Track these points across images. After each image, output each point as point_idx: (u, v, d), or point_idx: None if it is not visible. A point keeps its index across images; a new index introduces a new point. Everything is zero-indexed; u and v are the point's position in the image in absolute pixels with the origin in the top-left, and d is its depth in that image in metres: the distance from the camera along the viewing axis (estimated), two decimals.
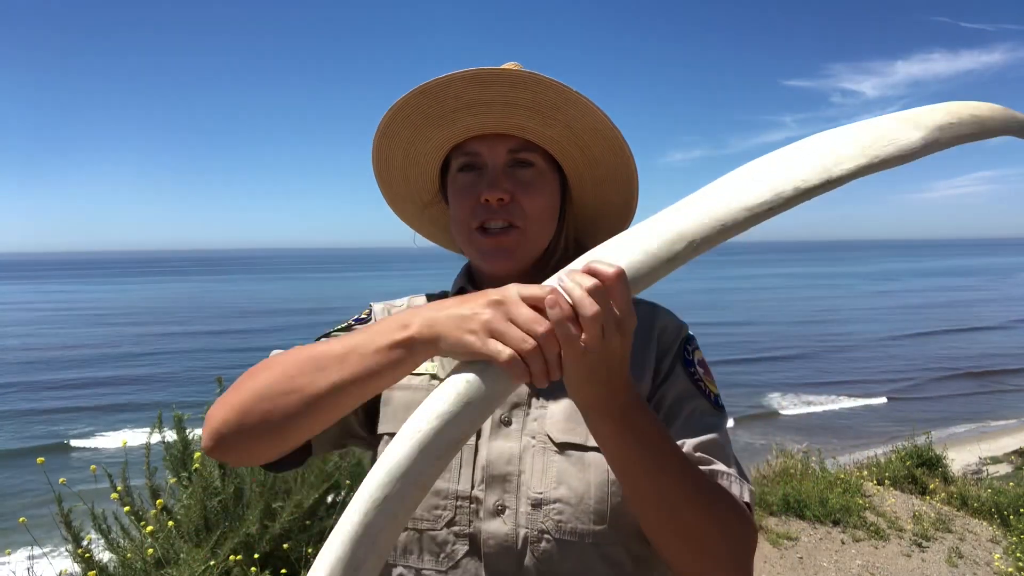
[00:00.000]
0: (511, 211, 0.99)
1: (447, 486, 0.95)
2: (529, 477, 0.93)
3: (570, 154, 1.03)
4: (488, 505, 0.93)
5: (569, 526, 0.90)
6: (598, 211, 1.11)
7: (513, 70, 0.95)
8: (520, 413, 0.97)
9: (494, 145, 1.01)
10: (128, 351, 27.51)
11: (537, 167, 1.02)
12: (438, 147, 1.06)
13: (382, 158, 1.09)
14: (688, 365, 1.00)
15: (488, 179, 1.00)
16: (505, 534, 0.91)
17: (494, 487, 0.93)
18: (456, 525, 0.93)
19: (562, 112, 0.97)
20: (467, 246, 1.04)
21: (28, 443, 15.19)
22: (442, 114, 1.00)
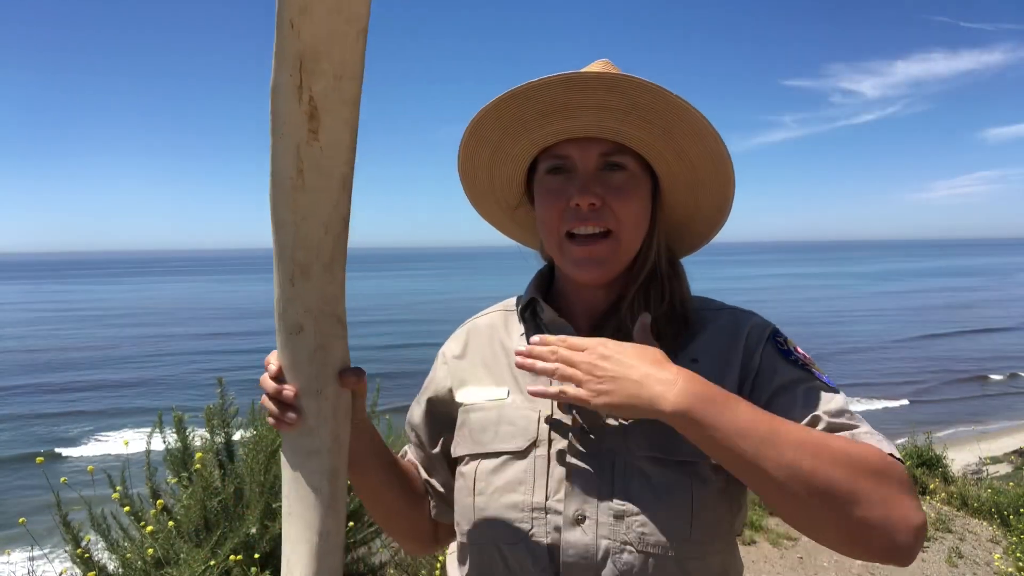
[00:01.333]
0: (602, 216, 0.96)
1: (523, 499, 0.94)
2: (611, 488, 0.92)
3: (664, 158, 0.99)
4: (568, 515, 0.92)
5: (652, 539, 0.89)
6: (689, 216, 1.07)
7: (607, 73, 0.92)
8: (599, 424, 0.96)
9: (586, 148, 0.98)
10: (128, 352, 27.51)
11: (629, 171, 0.99)
12: (527, 150, 1.03)
13: (469, 157, 1.07)
14: (787, 355, 0.97)
15: (579, 183, 0.97)
16: (586, 544, 0.90)
17: (574, 497, 0.92)
18: (534, 537, 0.92)
19: (661, 116, 0.94)
20: (557, 253, 1.02)
21: (28, 443, 15.19)
22: (534, 117, 0.97)
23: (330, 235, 0.82)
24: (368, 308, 40.73)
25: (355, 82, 0.76)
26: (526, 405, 1.01)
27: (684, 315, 1.02)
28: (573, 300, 1.07)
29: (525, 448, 0.97)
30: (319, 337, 0.87)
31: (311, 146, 0.77)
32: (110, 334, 33.24)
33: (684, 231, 1.10)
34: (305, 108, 0.75)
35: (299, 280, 0.84)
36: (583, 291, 1.05)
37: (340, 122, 0.77)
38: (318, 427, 0.89)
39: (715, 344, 1.00)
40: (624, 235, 0.98)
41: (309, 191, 0.79)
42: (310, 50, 0.72)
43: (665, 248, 1.05)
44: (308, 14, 0.71)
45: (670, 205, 1.05)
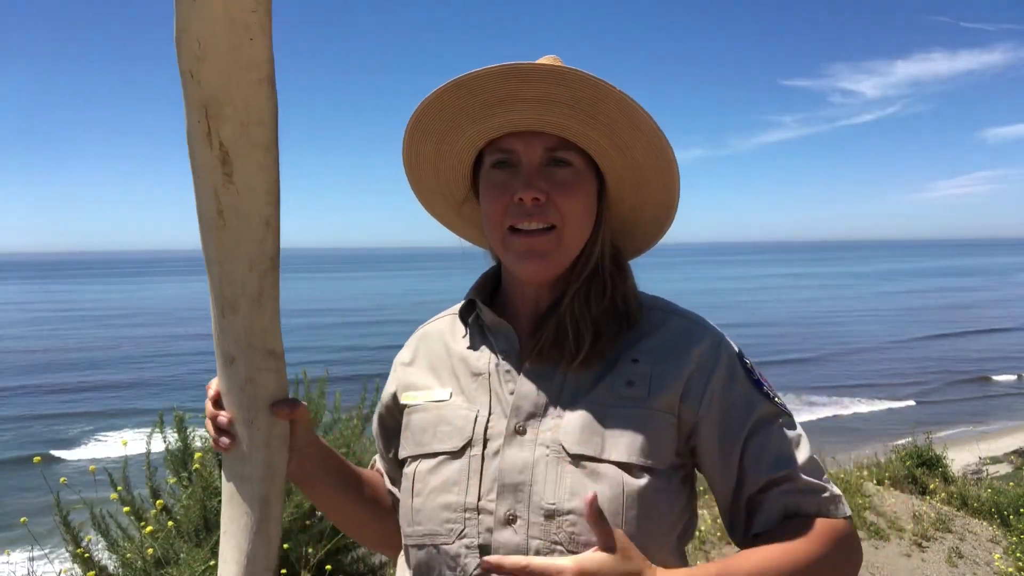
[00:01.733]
0: (546, 212, 0.95)
1: (457, 499, 0.94)
2: (542, 487, 0.91)
3: (610, 155, 0.98)
4: (499, 515, 0.91)
5: (583, 539, 0.87)
6: (636, 215, 1.06)
7: (554, 65, 0.91)
8: (535, 423, 0.95)
9: (531, 142, 0.97)
10: (128, 352, 27.51)
11: (575, 167, 0.97)
12: (472, 142, 1.01)
13: (412, 152, 1.05)
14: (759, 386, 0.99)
15: (523, 178, 0.96)
16: (516, 544, 0.90)
17: (505, 496, 0.92)
18: (466, 537, 0.92)
19: (604, 112, 0.93)
20: (499, 247, 1.01)
21: (28, 444, 15.18)
22: (477, 109, 0.96)
23: (255, 272, 0.85)
24: (368, 308, 40.75)
25: (264, 127, 0.77)
26: (465, 406, 1.00)
27: (627, 313, 1.01)
28: (517, 300, 1.06)
29: (460, 448, 0.97)
30: (249, 369, 0.91)
31: (227, 189, 0.79)
32: (110, 334, 33.24)
33: (631, 232, 1.08)
34: (217, 153, 0.77)
35: (228, 313, 0.87)
36: (526, 290, 1.04)
37: (253, 166, 0.79)
38: (250, 455, 0.93)
39: (661, 349, 0.98)
40: (567, 231, 0.97)
41: (230, 231, 0.82)
42: (212, 98, 0.74)
43: (610, 247, 1.04)
44: (205, 63, 0.72)
45: (616, 204, 1.04)
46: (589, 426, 0.92)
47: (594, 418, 0.93)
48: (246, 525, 0.94)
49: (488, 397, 0.99)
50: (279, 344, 0.92)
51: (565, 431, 0.93)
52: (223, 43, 0.71)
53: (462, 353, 1.06)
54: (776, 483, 0.94)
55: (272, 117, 0.77)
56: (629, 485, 0.90)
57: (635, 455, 0.91)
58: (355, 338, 28.77)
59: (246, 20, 0.70)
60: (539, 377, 0.98)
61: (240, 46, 0.71)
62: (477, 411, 0.99)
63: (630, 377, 0.96)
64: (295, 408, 0.96)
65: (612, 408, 0.94)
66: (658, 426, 0.94)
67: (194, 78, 0.73)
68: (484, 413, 0.98)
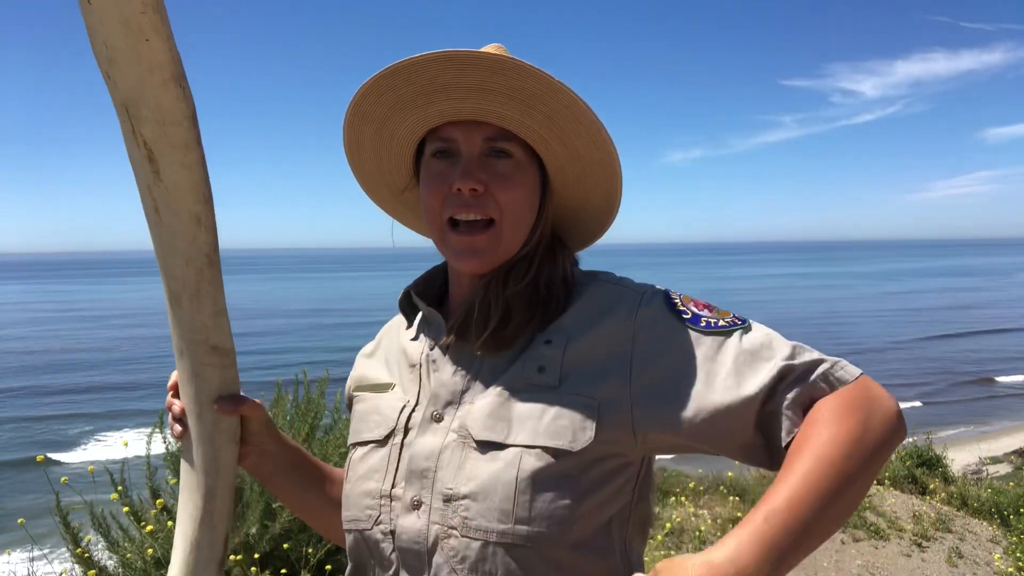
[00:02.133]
0: (484, 203, 0.94)
1: (376, 486, 0.95)
2: (444, 472, 0.91)
3: (551, 147, 0.96)
4: (406, 500, 0.92)
5: (475, 523, 0.87)
6: (579, 207, 1.05)
7: (492, 54, 0.89)
8: (452, 409, 0.95)
9: (470, 132, 0.95)
10: (128, 353, 27.51)
11: (515, 158, 0.96)
12: (412, 130, 1.00)
13: (353, 139, 1.04)
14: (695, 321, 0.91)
15: (462, 168, 0.95)
16: (418, 529, 0.90)
17: (412, 482, 0.92)
18: (381, 523, 0.94)
19: (543, 102, 0.91)
20: (438, 240, 1.00)
21: (27, 445, 15.18)
22: (415, 96, 0.94)
23: (192, 268, 0.87)
24: (370, 309, 40.73)
25: (180, 127, 0.78)
26: (398, 397, 1.01)
27: (550, 298, 0.97)
28: (455, 292, 1.06)
29: (384, 437, 0.98)
30: (194, 364, 0.94)
31: (158, 186, 0.82)
32: (110, 335, 33.23)
33: (574, 224, 1.07)
34: (144, 152, 0.79)
35: (174, 307, 0.90)
36: (463, 281, 1.03)
37: (177, 165, 0.80)
38: (197, 446, 0.98)
39: (577, 325, 0.94)
40: (506, 224, 0.95)
41: (166, 227, 0.84)
42: (129, 99, 0.76)
43: (548, 236, 1.02)
44: (116, 65, 0.74)
45: (559, 197, 1.03)
46: (497, 412, 0.91)
47: (503, 403, 0.91)
48: (192, 514, 0.98)
49: (418, 387, 1.00)
50: (224, 340, 0.95)
51: (474, 417, 0.92)
52: (123, 45, 0.72)
53: (403, 344, 1.07)
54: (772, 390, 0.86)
55: (187, 116, 0.78)
56: (525, 466, 0.86)
57: (540, 438, 0.88)
58: (356, 339, 28.75)
59: (138, 22, 0.70)
60: (458, 364, 0.97)
61: (138, 48, 0.72)
62: (407, 401, 1.00)
63: (542, 362, 0.92)
64: (238, 405, 0.99)
65: (522, 393, 0.91)
66: (571, 409, 0.89)
67: (111, 79, 0.75)
68: (412, 402, 0.99)
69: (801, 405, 0.86)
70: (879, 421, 0.83)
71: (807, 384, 0.86)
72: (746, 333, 0.90)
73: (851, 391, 0.85)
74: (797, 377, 0.87)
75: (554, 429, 0.88)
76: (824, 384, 0.86)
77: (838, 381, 0.86)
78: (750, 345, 0.89)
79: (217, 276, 0.90)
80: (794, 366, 0.87)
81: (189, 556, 0.97)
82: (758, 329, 0.92)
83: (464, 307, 0.98)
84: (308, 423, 3.73)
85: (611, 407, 0.89)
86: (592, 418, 0.88)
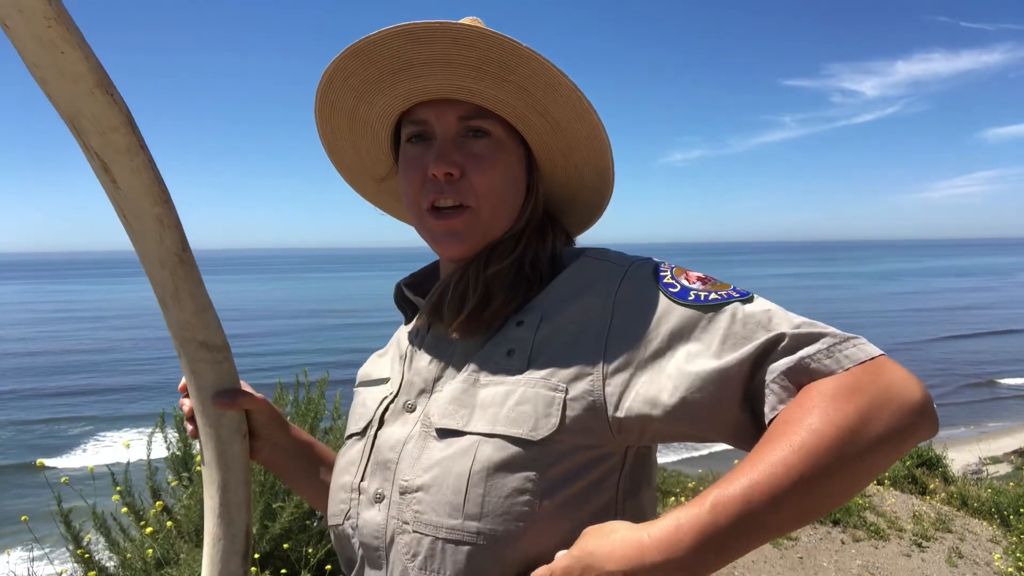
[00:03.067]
0: (460, 189, 0.88)
1: (349, 479, 0.93)
2: (404, 464, 0.85)
3: (529, 120, 0.89)
4: (369, 493, 0.88)
5: (425, 517, 0.80)
6: (572, 185, 0.98)
7: (453, 23, 0.82)
8: (424, 398, 0.90)
9: (442, 112, 0.89)
10: (128, 353, 27.49)
11: (494, 137, 0.89)
12: (383, 114, 0.94)
13: (328, 131, 0.99)
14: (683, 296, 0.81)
15: (435, 151, 0.88)
16: (377, 524, 0.86)
17: (376, 475, 0.89)
18: (351, 518, 0.90)
19: (513, 72, 0.84)
20: (419, 228, 0.94)
21: (27, 446, 15.16)
22: (380, 77, 0.88)
23: (166, 269, 0.88)
24: (372, 310, 40.76)
25: (119, 133, 0.79)
26: (383, 390, 0.99)
27: (530, 278, 0.90)
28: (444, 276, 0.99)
29: (362, 430, 0.96)
30: (190, 362, 0.96)
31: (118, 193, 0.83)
32: (110, 335, 33.21)
33: (575, 201, 1.01)
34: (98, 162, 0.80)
35: (163, 310, 0.92)
36: (447, 265, 0.99)
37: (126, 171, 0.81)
38: (205, 442, 0.99)
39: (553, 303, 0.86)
40: (484, 208, 0.89)
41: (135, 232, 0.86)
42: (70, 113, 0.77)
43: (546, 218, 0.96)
44: (47, 83, 0.75)
45: (550, 177, 0.96)
46: (460, 398, 0.84)
47: (467, 389, 0.84)
48: (211, 508, 1.00)
49: (400, 377, 0.96)
50: (213, 336, 0.95)
51: (436, 405, 0.86)
52: (45, 62, 0.73)
53: (399, 337, 1.06)
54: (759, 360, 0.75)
55: (122, 123, 0.79)
56: (481, 456, 0.78)
57: (499, 425, 0.79)
58: (357, 340, 28.73)
59: (48, 36, 0.71)
60: (434, 352, 0.92)
61: (58, 62, 0.73)
62: (389, 393, 0.96)
63: (511, 344, 0.85)
64: (235, 399, 0.97)
65: (488, 378, 0.84)
66: (535, 396, 0.80)
67: (50, 97, 0.76)
68: (392, 392, 0.96)
69: (795, 380, 0.74)
70: (889, 413, 0.68)
71: (805, 357, 0.73)
72: (744, 305, 0.79)
73: (860, 372, 0.71)
74: (792, 347, 0.75)
75: (515, 416, 0.79)
76: (828, 360, 0.73)
77: (847, 359, 0.73)
78: (744, 316, 0.78)
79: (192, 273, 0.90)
80: (790, 335, 0.75)
81: (212, 550, 0.99)
82: (759, 303, 0.80)
83: (438, 287, 0.93)
84: (308, 423, 3.73)
85: (581, 391, 0.80)
86: (557, 404, 0.79)
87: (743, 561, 4.95)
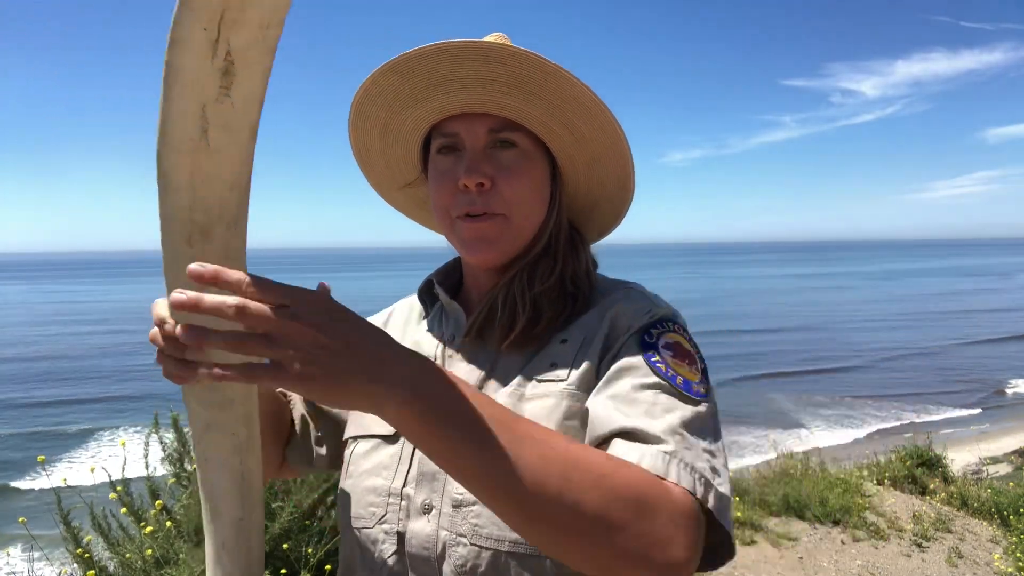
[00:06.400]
0: (490, 199, 0.92)
1: (383, 483, 0.92)
2: None
3: (555, 133, 0.95)
4: (417, 503, 0.88)
5: (485, 531, 0.83)
6: (593, 194, 1.03)
7: (484, 42, 0.88)
8: None
9: (473, 125, 0.94)
10: (128, 353, 27.50)
11: (521, 148, 0.94)
12: (415, 127, 0.99)
13: (360, 142, 1.04)
14: (646, 348, 0.85)
15: (466, 163, 0.92)
16: (427, 535, 0.86)
17: (423, 485, 0.89)
18: (386, 523, 0.90)
19: (544, 88, 0.90)
20: (449, 235, 0.99)
21: (26, 446, 15.17)
22: (414, 92, 0.94)
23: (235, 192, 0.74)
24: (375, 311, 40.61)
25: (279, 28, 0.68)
26: None
27: (573, 294, 0.96)
28: (471, 284, 1.04)
29: (395, 433, 0.94)
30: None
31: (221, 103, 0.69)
32: (110, 336, 33.22)
33: (591, 214, 1.05)
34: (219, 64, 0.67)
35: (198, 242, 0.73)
36: (479, 275, 1.01)
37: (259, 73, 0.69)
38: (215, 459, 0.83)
39: (589, 326, 0.93)
40: (515, 216, 0.93)
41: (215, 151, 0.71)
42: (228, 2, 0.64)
43: (567, 228, 1.00)
44: None
45: (573, 186, 1.01)
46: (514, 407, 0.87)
47: (515, 404, 0.88)
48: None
49: None
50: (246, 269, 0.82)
51: None
52: None
53: (417, 337, 1.05)
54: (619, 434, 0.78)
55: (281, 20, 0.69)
56: None
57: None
58: None
59: None
60: (474, 361, 0.95)
61: None
62: None
63: (555, 359, 0.90)
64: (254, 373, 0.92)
65: (532, 390, 0.89)
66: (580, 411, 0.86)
67: None
68: None
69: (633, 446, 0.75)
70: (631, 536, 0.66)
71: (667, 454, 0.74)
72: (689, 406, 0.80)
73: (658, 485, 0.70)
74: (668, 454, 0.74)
75: (563, 431, 0.84)
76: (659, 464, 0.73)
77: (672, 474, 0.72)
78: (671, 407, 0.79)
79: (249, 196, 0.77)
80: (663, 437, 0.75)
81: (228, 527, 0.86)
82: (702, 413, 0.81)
83: (486, 303, 0.96)
84: None
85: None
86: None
87: (743, 561, 4.95)
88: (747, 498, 5.89)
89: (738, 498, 5.81)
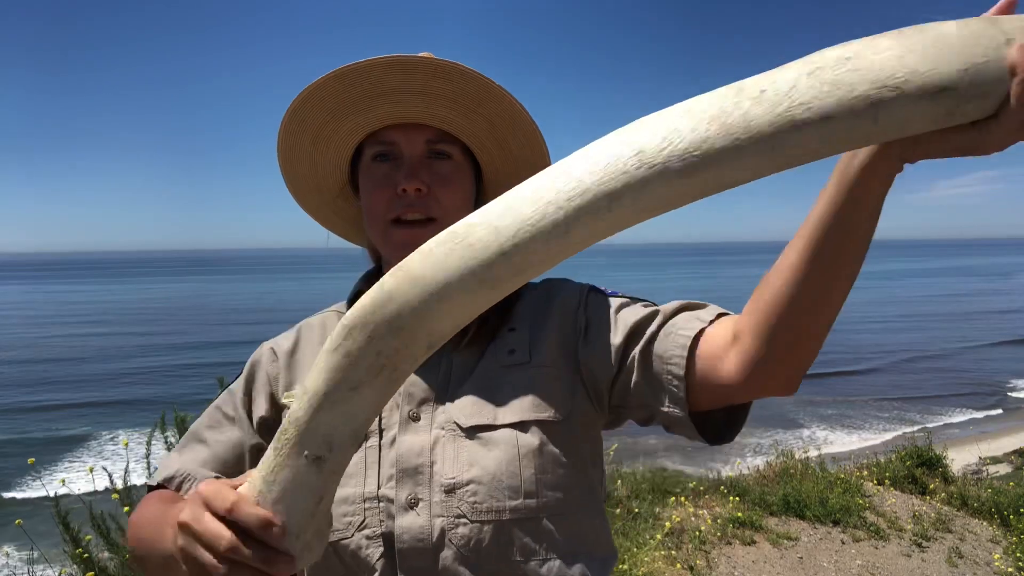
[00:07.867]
0: (428, 204, 0.97)
1: (354, 491, 0.91)
2: (441, 465, 0.91)
3: (488, 149, 1.02)
4: (401, 500, 0.90)
5: (484, 505, 0.88)
6: None
7: (435, 59, 0.93)
8: (428, 407, 0.96)
9: (412, 135, 0.99)
10: (128, 353, 27.49)
11: (455, 160, 1.00)
12: (352, 134, 1.02)
13: (289, 144, 1.04)
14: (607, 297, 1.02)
15: (406, 169, 0.97)
16: (420, 527, 0.89)
17: (405, 481, 0.91)
18: (367, 528, 0.90)
19: (484, 106, 0.96)
20: (381, 240, 1.01)
21: (26, 445, 15.16)
22: (359, 100, 0.96)
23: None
24: None
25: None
26: None
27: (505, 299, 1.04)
28: None
29: None
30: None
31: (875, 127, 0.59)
32: (109, 336, 33.21)
33: None
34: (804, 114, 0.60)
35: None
36: None
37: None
38: None
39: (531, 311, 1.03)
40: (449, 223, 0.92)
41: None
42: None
43: None
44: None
45: (492, 195, 1.05)
46: (478, 400, 0.94)
47: (483, 391, 0.95)
48: None
49: None
50: None
51: (457, 409, 0.94)
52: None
53: None
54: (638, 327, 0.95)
55: None
56: (523, 443, 0.91)
57: (527, 412, 0.93)
58: None
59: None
60: (427, 365, 0.97)
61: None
62: None
63: (511, 345, 0.99)
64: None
65: (499, 378, 0.96)
66: (545, 381, 0.96)
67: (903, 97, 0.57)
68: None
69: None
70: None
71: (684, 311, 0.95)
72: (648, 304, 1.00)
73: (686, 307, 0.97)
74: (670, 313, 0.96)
75: (536, 401, 0.94)
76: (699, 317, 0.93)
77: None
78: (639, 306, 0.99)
79: None
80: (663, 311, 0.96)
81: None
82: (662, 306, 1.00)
83: None
84: None
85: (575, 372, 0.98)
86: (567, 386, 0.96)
87: (743, 561, 4.96)
88: (747, 498, 5.89)
89: (738, 498, 5.81)
